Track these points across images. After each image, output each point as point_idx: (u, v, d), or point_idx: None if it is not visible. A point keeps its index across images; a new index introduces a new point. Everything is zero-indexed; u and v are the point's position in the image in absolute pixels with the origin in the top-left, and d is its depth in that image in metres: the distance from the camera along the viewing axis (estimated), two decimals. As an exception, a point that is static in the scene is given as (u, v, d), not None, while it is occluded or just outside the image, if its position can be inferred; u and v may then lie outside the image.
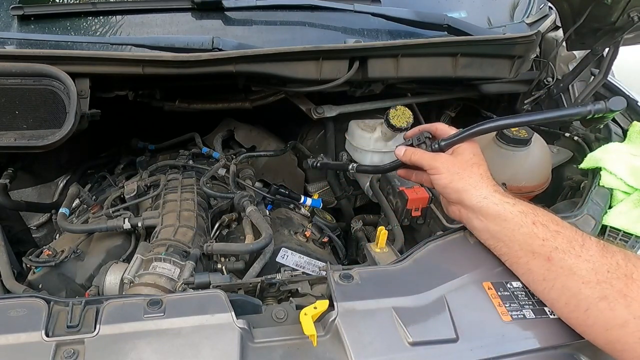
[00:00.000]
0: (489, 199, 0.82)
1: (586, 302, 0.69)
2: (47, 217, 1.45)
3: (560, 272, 0.72)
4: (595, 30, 1.21)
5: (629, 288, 0.66)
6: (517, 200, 0.82)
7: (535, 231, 0.76)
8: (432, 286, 0.78)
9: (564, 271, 0.72)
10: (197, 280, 0.88)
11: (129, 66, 1.10)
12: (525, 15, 1.51)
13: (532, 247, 0.76)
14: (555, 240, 0.74)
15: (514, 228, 0.78)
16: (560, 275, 0.72)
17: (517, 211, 0.79)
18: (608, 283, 0.68)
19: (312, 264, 1.12)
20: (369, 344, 0.69)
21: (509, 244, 0.79)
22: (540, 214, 0.78)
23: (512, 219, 0.79)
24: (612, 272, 0.68)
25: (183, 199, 1.18)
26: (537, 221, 0.77)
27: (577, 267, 0.71)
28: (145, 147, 1.62)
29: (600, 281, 0.68)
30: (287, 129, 1.72)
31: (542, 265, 0.74)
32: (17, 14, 1.23)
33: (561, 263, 0.72)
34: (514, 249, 0.78)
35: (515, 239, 0.78)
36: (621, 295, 0.66)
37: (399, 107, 1.29)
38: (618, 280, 0.67)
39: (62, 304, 0.73)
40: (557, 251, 0.73)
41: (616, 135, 1.29)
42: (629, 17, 1.09)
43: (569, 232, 0.75)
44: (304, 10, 1.35)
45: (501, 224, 0.80)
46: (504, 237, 0.79)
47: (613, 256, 0.70)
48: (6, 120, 1.03)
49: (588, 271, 0.70)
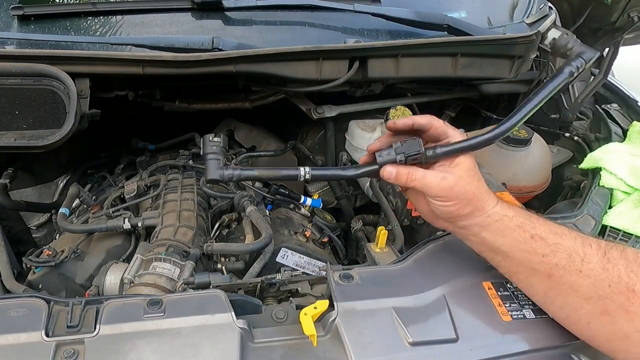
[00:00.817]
0: (491, 217, 0.75)
1: (588, 317, 0.68)
2: (47, 217, 1.45)
3: (561, 289, 0.71)
4: (595, 30, 1.21)
5: (630, 302, 0.65)
6: (515, 210, 0.77)
7: (534, 247, 0.72)
8: (432, 286, 0.78)
9: (565, 288, 0.70)
10: (197, 280, 0.88)
11: (129, 66, 1.10)
12: (525, 15, 1.51)
13: (531, 264, 0.73)
14: (555, 256, 0.71)
15: (512, 244, 0.74)
16: (561, 292, 0.71)
17: (515, 225, 0.74)
18: (609, 299, 0.66)
19: (312, 264, 1.12)
20: (369, 344, 0.69)
21: (507, 259, 0.76)
22: (538, 224, 0.74)
23: (510, 235, 0.74)
24: (614, 286, 0.66)
25: (183, 199, 1.18)
26: (535, 235, 0.73)
27: (578, 284, 0.69)
28: (145, 147, 1.62)
29: (601, 297, 0.67)
30: (287, 129, 1.72)
31: (543, 281, 0.72)
32: (17, 14, 1.23)
33: (562, 280, 0.70)
34: (513, 264, 0.75)
35: (514, 255, 0.74)
36: (623, 310, 0.65)
37: (399, 107, 1.29)
38: (620, 295, 0.66)
39: (62, 304, 0.73)
40: (557, 268, 0.70)
41: (616, 135, 1.29)
42: (629, 17, 1.10)
43: (569, 242, 0.72)
44: (304, 10, 1.35)
45: (499, 240, 0.75)
46: (502, 252, 0.76)
47: (614, 267, 0.68)
48: (6, 120, 1.03)
49: (589, 287, 0.68)
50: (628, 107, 1.40)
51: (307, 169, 0.79)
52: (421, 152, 0.76)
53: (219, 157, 0.82)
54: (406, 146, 0.76)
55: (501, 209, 0.76)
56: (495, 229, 0.75)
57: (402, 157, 0.76)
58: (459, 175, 0.75)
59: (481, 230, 0.76)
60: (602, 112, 1.40)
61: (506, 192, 1.04)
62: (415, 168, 0.77)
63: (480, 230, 0.76)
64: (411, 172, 0.76)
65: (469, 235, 0.78)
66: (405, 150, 0.76)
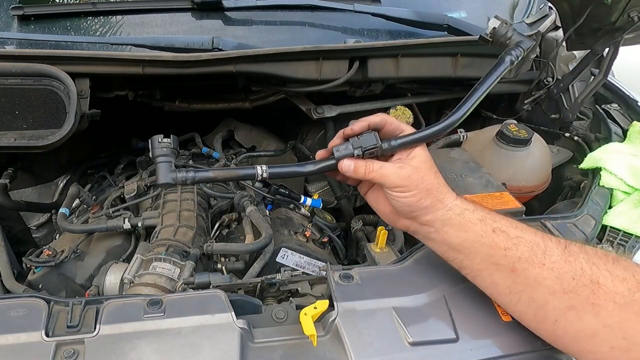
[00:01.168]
0: (452, 210, 0.75)
1: (554, 313, 0.67)
2: (47, 217, 1.45)
3: (525, 284, 0.69)
4: (595, 30, 1.21)
5: (595, 295, 0.64)
6: (475, 205, 0.76)
7: (496, 240, 0.71)
8: (432, 286, 0.78)
9: (530, 282, 0.68)
10: (197, 280, 0.88)
11: (129, 66, 1.10)
12: (525, 15, 1.51)
13: (494, 258, 0.71)
14: (517, 249, 0.70)
15: (474, 239, 0.72)
16: (526, 287, 0.69)
17: (477, 219, 0.73)
18: (575, 292, 0.65)
19: (312, 264, 1.12)
20: (369, 344, 0.69)
21: (469, 256, 0.73)
22: (498, 219, 0.73)
23: (472, 229, 0.73)
24: (578, 279, 0.65)
25: (183, 199, 1.18)
26: (496, 228, 0.72)
27: (542, 277, 0.67)
28: (145, 147, 1.62)
29: (566, 290, 0.66)
30: (287, 129, 1.72)
31: (507, 277, 0.70)
32: (17, 14, 1.23)
33: (526, 274, 0.68)
34: (476, 261, 0.73)
35: (477, 251, 0.72)
36: (589, 304, 0.64)
37: (399, 107, 1.29)
38: (584, 288, 0.65)
39: (62, 304, 0.73)
40: (520, 261, 0.69)
41: (616, 135, 1.29)
42: (629, 17, 1.09)
43: (530, 236, 0.71)
44: (304, 10, 1.35)
45: (461, 235, 0.73)
46: (465, 249, 0.73)
47: (576, 259, 0.67)
48: (6, 120, 1.03)
49: (553, 280, 0.67)
50: (628, 107, 1.40)
51: (264, 167, 0.78)
52: (378, 144, 0.77)
53: (170, 159, 0.77)
54: (362, 140, 0.77)
55: (461, 203, 0.75)
56: (457, 223, 0.74)
57: (359, 151, 0.77)
58: (415, 166, 0.76)
59: (443, 225, 0.75)
60: (602, 112, 1.40)
61: (506, 192, 1.04)
62: (372, 161, 0.77)
63: (442, 225, 0.75)
64: (369, 164, 0.77)
65: (431, 232, 0.77)
66: (362, 144, 0.77)
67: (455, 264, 0.76)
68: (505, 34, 0.94)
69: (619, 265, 0.65)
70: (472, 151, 1.23)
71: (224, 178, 0.85)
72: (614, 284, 0.64)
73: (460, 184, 1.06)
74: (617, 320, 0.62)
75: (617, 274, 0.64)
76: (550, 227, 0.93)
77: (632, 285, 0.63)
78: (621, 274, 0.64)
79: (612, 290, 0.63)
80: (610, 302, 0.63)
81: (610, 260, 0.66)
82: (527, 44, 0.91)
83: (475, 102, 0.85)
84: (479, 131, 1.42)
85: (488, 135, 1.28)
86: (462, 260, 0.75)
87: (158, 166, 0.77)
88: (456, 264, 0.76)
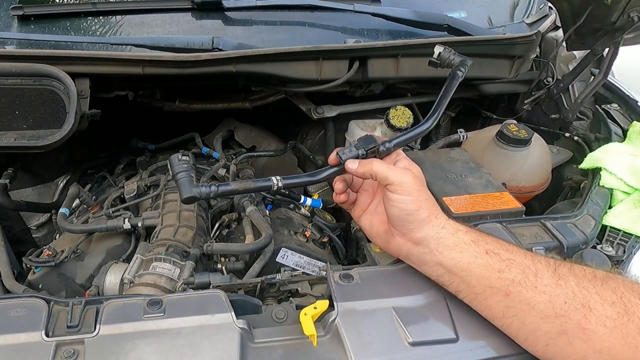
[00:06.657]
0: (446, 229, 0.74)
1: (546, 337, 0.67)
2: (47, 217, 1.45)
3: (518, 308, 0.68)
4: (595, 30, 1.21)
5: (587, 320, 0.64)
6: (466, 226, 0.77)
7: (490, 262, 0.71)
8: (432, 286, 0.78)
9: (522, 306, 0.68)
10: (197, 280, 0.88)
11: (129, 66, 1.10)
12: (525, 15, 1.51)
13: (489, 280, 0.70)
14: (510, 271, 0.70)
15: (470, 260, 0.72)
16: (518, 311, 0.68)
17: (470, 240, 0.73)
18: (566, 317, 0.65)
19: (312, 264, 1.12)
20: (369, 344, 0.69)
21: (465, 279, 0.73)
22: (489, 240, 0.74)
23: (466, 250, 0.73)
24: (569, 303, 0.65)
25: (183, 199, 1.18)
26: (489, 250, 0.72)
27: (535, 301, 0.67)
28: (145, 147, 1.62)
29: (558, 315, 0.65)
30: (287, 129, 1.72)
31: (501, 301, 0.70)
32: (17, 14, 1.23)
33: (519, 297, 0.68)
34: (472, 284, 0.72)
35: (472, 273, 0.72)
36: (580, 329, 0.64)
37: (399, 107, 1.29)
38: (576, 312, 0.64)
39: (62, 304, 0.73)
40: (514, 284, 0.69)
41: (616, 135, 1.29)
42: (629, 17, 1.09)
43: (520, 259, 0.71)
44: (304, 10, 1.36)
45: (456, 256, 0.73)
46: (460, 271, 0.73)
47: (567, 282, 0.67)
48: (6, 120, 1.03)
49: (546, 304, 0.66)
50: (628, 107, 1.40)
51: (279, 178, 0.82)
52: (377, 144, 0.82)
53: (190, 174, 0.80)
54: (363, 142, 0.82)
55: (454, 224, 0.76)
56: (452, 243, 0.74)
57: (362, 151, 0.81)
58: (415, 175, 0.79)
59: (437, 245, 0.74)
60: (602, 112, 1.40)
61: (506, 192, 1.04)
62: (375, 159, 0.81)
63: (437, 244, 0.74)
64: (372, 162, 0.79)
65: (425, 254, 0.76)
66: (363, 145, 0.82)
67: (451, 288, 0.75)
68: (449, 57, 1.05)
69: (608, 287, 0.66)
70: (472, 151, 1.23)
71: (244, 190, 0.89)
72: (603, 308, 0.64)
73: (460, 184, 1.05)
74: (606, 345, 0.63)
75: (607, 297, 0.65)
76: (550, 227, 0.93)
77: (620, 309, 0.63)
78: (610, 297, 0.64)
79: (602, 314, 0.63)
80: (601, 326, 0.63)
81: (599, 282, 0.66)
82: (468, 62, 1.03)
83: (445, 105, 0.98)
84: (479, 131, 1.42)
85: (488, 135, 1.28)
86: (458, 284, 0.74)
87: (180, 182, 0.80)
88: (452, 288, 0.75)
